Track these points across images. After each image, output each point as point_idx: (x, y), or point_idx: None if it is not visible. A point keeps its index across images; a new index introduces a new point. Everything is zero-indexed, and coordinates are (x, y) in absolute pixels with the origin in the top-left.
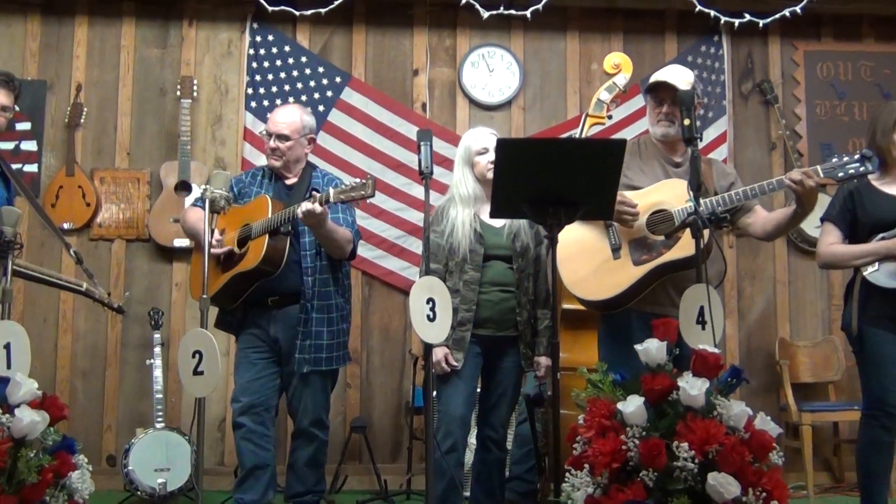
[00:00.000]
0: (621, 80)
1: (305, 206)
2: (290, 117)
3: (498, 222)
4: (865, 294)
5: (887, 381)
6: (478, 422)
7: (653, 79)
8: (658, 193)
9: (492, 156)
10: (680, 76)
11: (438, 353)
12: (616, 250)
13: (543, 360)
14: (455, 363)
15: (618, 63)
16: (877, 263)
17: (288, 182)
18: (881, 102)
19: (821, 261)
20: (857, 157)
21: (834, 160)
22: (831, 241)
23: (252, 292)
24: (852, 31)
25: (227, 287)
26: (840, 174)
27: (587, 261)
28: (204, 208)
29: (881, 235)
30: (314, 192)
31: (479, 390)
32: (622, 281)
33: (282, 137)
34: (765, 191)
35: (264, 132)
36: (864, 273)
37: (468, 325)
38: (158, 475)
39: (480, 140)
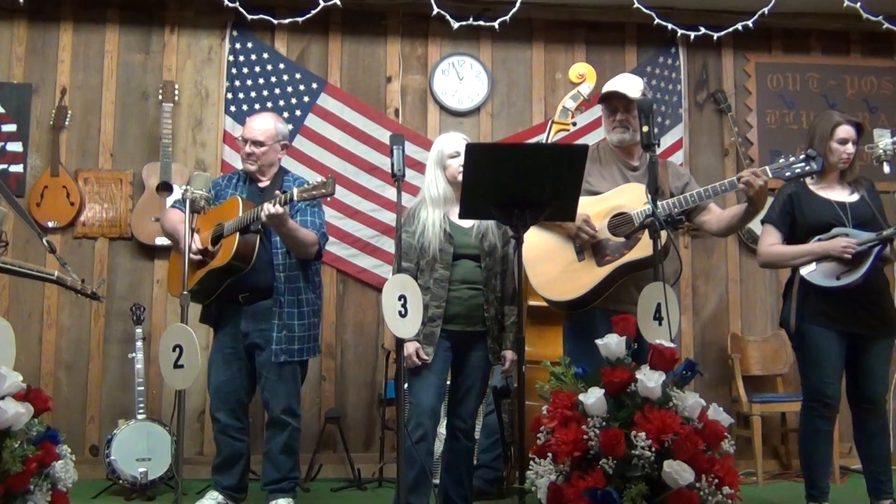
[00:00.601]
0: (585, 88)
1: (268, 207)
2: (265, 124)
3: (467, 223)
4: (803, 292)
5: (824, 375)
6: (447, 413)
7: (605, 89)
8: (618, 197)
9: (462, 158)
10: (630, 85)
11: (410, 348)
12: (580, 252)
13: (509, 354)
14: (425, 357)
15: (582, 73)
16: (814, 263)
17: (261, 185)
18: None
19: (761, 260)
20: (802, 157)
21: (781, 160)
22: (771, 242)
23: (224, 289)
24: (801, 45)
25: (203, 283)
26: (787, 173)
27: (553, 263)
28: (184, 208)
29: (818, 238)
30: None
31: (448, 383)
32: (587, 281)
33: (257, 143)
34: (717, 192)
35: (240, 138)
36: (802, 272)
37: (438, 320)
38: (140, 464)
39: (453, 144)
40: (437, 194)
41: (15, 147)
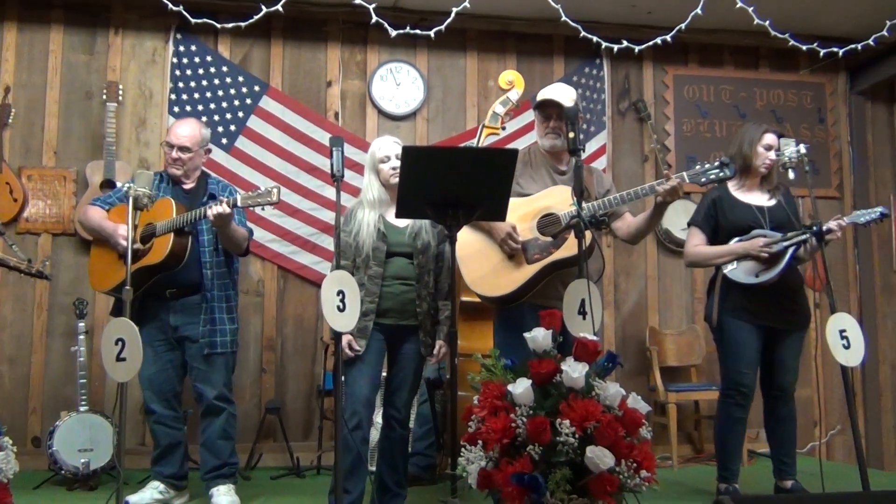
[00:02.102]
0: (514, 95)
1: (216, 208)
2: (191, 131)
3: (402, 222)
4: (725, 289)
5: (741, 365)
6: (383, 403)
7: (540, 96)
8: (547, 199)
9: (394, 163)
10: (564, 94)
11: (343, 340)
12: None
13: (443, 346)
14: (358, 349)
15: (511, 80)
16: (735, 262)
17: (186, 187)
18: (738, 121)
19: (687, 260)
20: (716, 164)
21: (697, 167)
22: (696, 243)
23: (150, 284)
24: (715, 59)
25: (131, 279)
26: (703, 179)
27: (485, 260)
28: (104, 206)
29: (737, 238)
30: (214, 197)
31: (384, 375)
32: (517, 278)
33: (184, 149)
34: (639, 195)
35: (165, 143)
36: (724, 270)
37: (371, 315)
38: (82, 455)
39: (384, 149)
40: (373, 197)
41: None
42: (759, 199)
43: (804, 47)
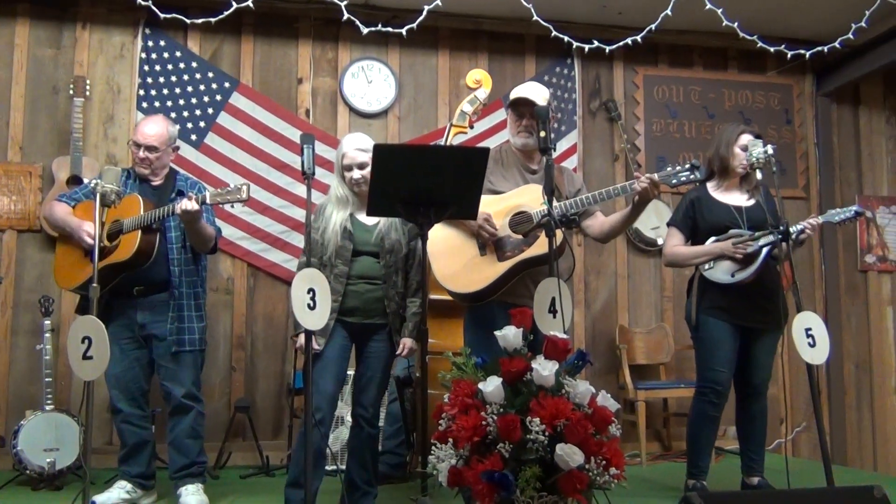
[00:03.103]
0: (482, 93)
1: (185, 204)
2: (158, 129)
3: (371, 221)
4: (703, 288)
5: (717, 364)
6: (352, 402)
7: (514, 95)
8: (519, 197)
9: (356, 173)
10: (538, 93)
11: (301, 339)
12: (482, 247)
13: (408, 342)
14: (317, 347)
15: (479, 79)
16: (712, 262)
17: (153, 184)
18: (707, 122)
19: (666, 260)
20: (687, 166)
21: (668, 169)
22: (675, 243)
23: (117, 282)
24: (684, 60)
25: (98, 276)
26: (674, 181)
27: (457, 257)
28: (70, 203)
29: (714, 238)
30: (182, 194)
31: (352, 373)
32: (488, 275)
33: (151, 148)
34: (611, 195)
35: (132, 143)
36: (702, 270)
37: (334, 313)
38: (47, 455)
39: (349, 156)
40: (342, 196)
41: None
42: (738, 199)
43: (772, 49)
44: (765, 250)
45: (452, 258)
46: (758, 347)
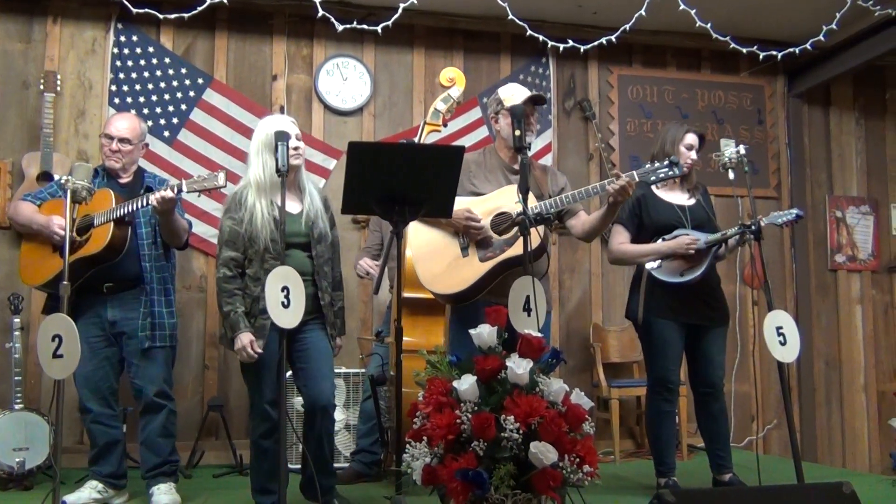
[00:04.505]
0: (455, 91)
1: (161, 193)
2: (131, 123)
3: (295, 208)
4: (650, 287)
5: (668, 362)
6: (304, 402)
7: (522, 95)
8: (500, 198)
9: (294, 142)
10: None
11: (244, 339)
12: (465, 249)
13: (337, 340)
14: (259, 350)
15: (452, 77)
16: (658, 261)
17: (122, 181)
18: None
19: (612, 257)
20: (666, 163)
21: (647, 166)
22: (621, 241)
23: (86, 279)
24: (658, 60)
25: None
26: (652, 178)
27: (440, 259)
28: (35, 201)
29: (663, 237)
30: (151, 190)
31: (290, 373)
32: (470, 276)
33: (124, 141)
34: (590, 194)
35: (103, 135)
36: (649, 269)
37: (268, 314)
38: (17, 454)
39: (281, 125)
40: (264, 180)
41: None
42: (680, 198)
43: (744, 50)
44: (713, 249)
45: (435, 260)
46: (707, 344)
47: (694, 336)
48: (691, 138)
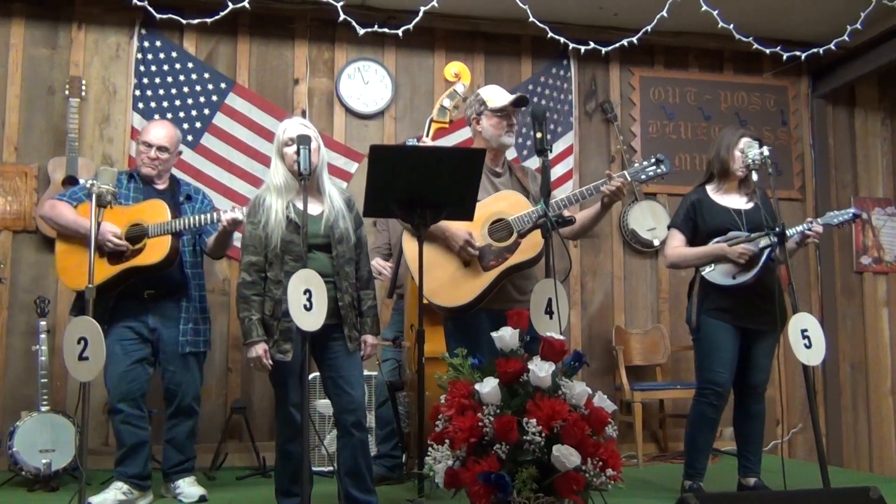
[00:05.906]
0: (460, 87)
1: (232, 215)
2: (169, 132)
3: (316, 210)
4: (703, 290)
5: (717, 365)
6: (334, 410)
7: (507, 98)
8: (495, 204)
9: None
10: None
11: (259, 349)
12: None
13: (369, 339)
14: (270, 362)
15: (457, 72)
16: (713, 264)
17: (158, 187)
18: (703, 123)
19: (668, 261)
20: (652, 161)
21: (636, 165)
22: (676, 245)
23: (128, 284)
24: (680, 61)
25: (115, 279)
26: (643, 176)
27: (441, 271)
28: (71, 202)
29: (716, 240)
30: (190, 198)
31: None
32: (475, 287)
33: (163, 149)
34: (584, 196)
35: (141, 143)
36: (703, 272)
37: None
38: (43, 456)
39: (289, 131)
40: (280, 183)
41: None
42: (737, 202)
43: (767, 51)
44: (766, 252)
45: (437, 271)
46: (757, 349)
47: (745, 340)
48: (745, 142)
